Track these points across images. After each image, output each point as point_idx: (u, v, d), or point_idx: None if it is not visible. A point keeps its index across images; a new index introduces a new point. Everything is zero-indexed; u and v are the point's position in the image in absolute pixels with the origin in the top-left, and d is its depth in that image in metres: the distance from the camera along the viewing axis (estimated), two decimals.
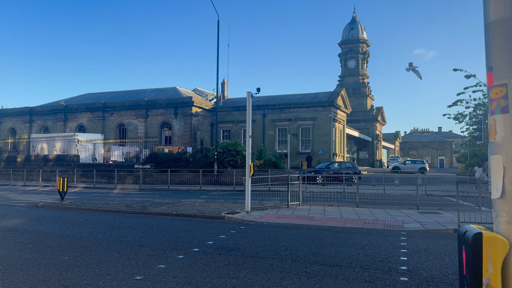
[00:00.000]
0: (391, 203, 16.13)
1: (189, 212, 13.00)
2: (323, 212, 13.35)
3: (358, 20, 73.12)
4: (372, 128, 64.71)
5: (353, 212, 13.18)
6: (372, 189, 22.28)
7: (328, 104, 40.27)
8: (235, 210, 13.30)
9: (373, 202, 16.38)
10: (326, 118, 40.10)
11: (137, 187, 25.28)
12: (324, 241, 8.80)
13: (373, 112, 65.77)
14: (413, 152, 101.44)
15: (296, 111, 41.54)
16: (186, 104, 40.07)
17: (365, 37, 72.27)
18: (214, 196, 20.27)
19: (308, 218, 11.80)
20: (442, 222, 11.00)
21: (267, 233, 9.70)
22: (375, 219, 11.62)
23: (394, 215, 12.49)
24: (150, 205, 14.95)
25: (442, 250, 7.97)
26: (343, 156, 45.38)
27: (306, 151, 40.47)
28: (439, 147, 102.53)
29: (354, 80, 69.98)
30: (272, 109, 42.63)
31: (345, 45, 71.86)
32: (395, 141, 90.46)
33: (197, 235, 9.48)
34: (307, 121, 40.91)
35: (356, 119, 62.70)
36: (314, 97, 42.67)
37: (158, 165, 27.85)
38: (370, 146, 64.77)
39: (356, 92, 68.64)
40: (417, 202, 14.54)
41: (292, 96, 44.67)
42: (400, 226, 10.56)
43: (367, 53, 72.05)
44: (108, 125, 44.51)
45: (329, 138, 40.05)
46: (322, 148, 39.86)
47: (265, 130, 42.35)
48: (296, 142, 40.92)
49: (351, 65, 71.14)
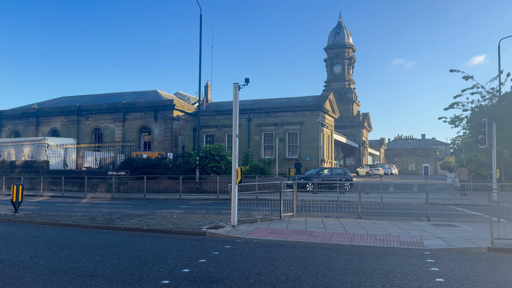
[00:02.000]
0: (395, 213, 14.30)
1: (163, 226, 10.86)
2: (322, 225, 11.40)
3: (344, 25, 72.35)
4: (359, 134, 63.52)
5: (358, 225, 11.27)
6: (368, 197, 20.43)
7: (316, 108, 38.62)
8: (218, 224, 11.21)
9: (375, 212, 14.54)
10: (314, 122, 38.40)
11: (110, 196, 22.89)
12: (333, 267, 6.83)
13: (359, 118, 64.67)
14: (398, 159, 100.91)
15: (282, 115, 39.73)
16: (166, 107, 37.78)
17: (351, 42, 71.43)
18: (195, 206, 18.10)
19: (307, 234, 9.82)
20: (468, 238, 9.17)
21: (260, 256, 7.67)
22: (387, 234, 9.73)
23: (406, 229, 10.63)
24: (118, 218, 12.73)
25: (489, 279, 6.10)
26: (331, 162, 43.74)
27: (293, 157, 38.62)
28: (423, 154, 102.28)
29: (340, 86, 68.87)
30: (257, 113, 40.73)
31: (331, 50, 70.83)
32: (380, 148, 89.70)
33: (169, 259, 7.39)
34: (294, 126, 39.14)
35: (342, 125, 61.38)
36: (301, 101, 40.99)
37: (134, 171, 25.49)
38: (356, 153, 63.51)
39: (342, 98, 67.46)
40: (427, 212, 12.73)
41: (278, 100, 42.91)
42: (420, 244, 8.68)
43: (353, 59, 71.16)
44: (83, 130, 41.81)
45: (317, 143, 38.34)
46: (310, 154, 38.09)
47: (251, 135, 40.38)
48: (283, 148, 39.05)
49: (337, 70, 70.07)
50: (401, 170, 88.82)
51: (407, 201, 18.45)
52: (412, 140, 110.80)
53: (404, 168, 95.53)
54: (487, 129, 19.31)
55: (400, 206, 16.52)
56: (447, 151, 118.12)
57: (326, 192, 22.23)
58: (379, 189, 25.13)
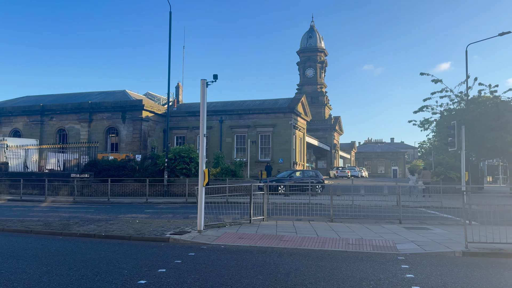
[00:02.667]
0: (367, 216, 14.06)
1: (124, 232, 10.09)
2: (293, 229, 10.95)
3: (316, 29, 72.86)
4: (330, 137, 64.00)
5: (329, 229, 10.89)
6: (339, 200, 20.23)
7: (289, 110, 38.43)
8: (184, 229, 10.55)
9: (347, 215, 14.25)
10: (287, 125, 38.19)
11: (72, 199, 21.67)
12: (304, 275, 6.35)
13: (331, 122, 65.18)
14: (368, 162, 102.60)
15: (255, 117, 39.31)
16: (135, 107, 36.57)
17: (323, 46, 71.99)
18: (162, 210, 17.29)
19: (278, 239, 9.33)
20: (442, 242, 8.94)
21: (226, 264, 7.10)
22: (359, 238, 9.37)
23: (379, 232, 10.33)
24: (76, 223, 11.83)
25: (466, 286, 5.78)
26: (303, 165, 43.67)
27: (265, 159, 38.22)
28: (392, 158, 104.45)
29: (312, 89, 69.22)
30: (230, 115, 40.13)
31: (304, 54, 71.15)
32: (351, 151, 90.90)
33: (126, 269, 6.70)
34: (267, 128, 38.78)
35: (314, 128, 61.61)
36: (274, 103, 40.71)
37: (99, 174, 24.31)
38: (328, 156, 63.93)
39: (314, 101, 67.79)
40: (399, 215, 12.52)
41: (251, 102, 42.47)
42: (394, 248, 8.36)
43: (325, 63, 71.73)
44: (47, 130, 39.91)
45: (289, 146, 38.11)
46: (282, 156, 37.82)
47: (223, 137, 39.72)
48: (255, 150, 38.59)
49: (309, 74, 70.44)
50: (371, 172, 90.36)
51: (378, 203, 18.37)
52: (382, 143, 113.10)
53: (373, 171, 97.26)
54: (456, 132, 19.46)
55: (371, 209, 16.36)
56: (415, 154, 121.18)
57: (298, 194, 21.89)
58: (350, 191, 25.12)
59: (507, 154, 25.89)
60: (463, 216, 11.69)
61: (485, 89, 25.77)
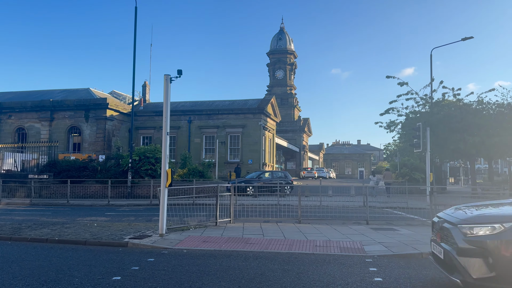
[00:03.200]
0: (334, 217, 13.95)
1: (79, 237, 9.43)
2: (260, 231, 10.62)
3: (286, 31, 73.25)
4: (299, 139, 64.40)
5: (297, 230, 10.65)
6: (307, 201, 20.17)
7: (258, 111, 38.23)
8: (145, 233, 10.00)
9: (315, 216, 14.09)
10: (256, 126, 37.97)
11: (28, 201, 20.47)
12: (269, 280, 6.03)
13: (300, 123, 65.62)
14: (335, 163, 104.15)
15: (224, 117, 38.85)
16: (99, 106, 35.24)
17: (292, 48, 72.47)
18: (124, 213, 16.54)
19: (244, 242, 8.98)
20: (409, 243, 8.86)
21: (188, 269, 6.67)
22: (326, 240, 9.16)
23: (346, 234, 10.18)
24: (29, 227, 11.00)
25: None
26: (273, 166, 43.58)
27: (235, 160, 37.81)
28: (359, 159, 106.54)
29: (282, 91, 69.46)
30: (199, 115, 39.49)
31: (273, 55, 71.32)
32: (320, 153, 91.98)
33: (77, 277, 6.14)
34: (236, 129, 38.40)
35: (284, 129, 61.79)
36: (244, 103, 40.41)
37: (58, 174, 23.12)
38: (297, 157, 64.28)
39: (284, 103, 68.04)
40: (366, 216, 12.47)
41: (220, 102, 41.98)
42: (361, 250, 8.19)
43: (294, 65, 72.19)
44: (4, 129, 37.82)
45: (259, 147, 37.90)
46: (252, 157, 37.55)
47: (191, 137, 39.00)
48: (225, 151, 38.12)
49: (279, 76, 70.67)
50: (338, 174, 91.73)
51: (346, 204, 18.33)
52: (349, 145, 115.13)
53: (341, 172, 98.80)
54: (421, 134, 19.87)
55: (339, 210, 16.27)
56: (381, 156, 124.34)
57: (267, 195, 21.65)
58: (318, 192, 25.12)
59: (469, 155, 26.73)
60: (430, 216, 11.78)
61: (449, 92, 26.55)
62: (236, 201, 18.07)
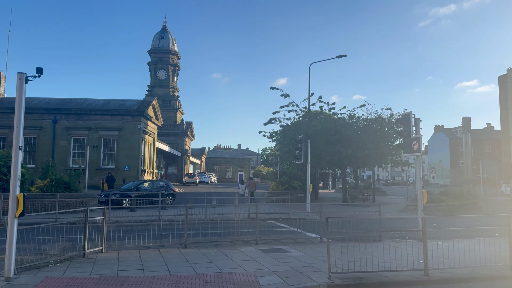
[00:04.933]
0: (221, 234, 13.12)
1: None
2: (140, 263, 9.11)
3: (169, 30, 70.70)
4: (182, 143, 62.59)
5: (183, 260, 9.43)
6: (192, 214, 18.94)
7: (138, 113, 35.53)
8: None
9: (201, 234, 13.07)
10: (135, 129, 35.21)
11: None
12: None
13: (183, 127, 63.86)
14: (217, 167, 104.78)
15: (98, 119, 35.12)
16: None
17: (176, 49, 70.23)
18: None
19: (119, 283, 7.40)
20: (303, 271, 8.42)
21: None
22: (218, 273, 8.18)
23: (238, 260, 9.37)
24: None
25: None
26: (153, 172, 41.09)
27: (109, 166, 34.41)
28: (239, 163, 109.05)
29: (164, 92, 66.65)
30: (66, 114, 34.95)
31: (155, 54, 68.02)
32: (202, 157, 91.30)
33: None
34: (111, 132, 35.03)
35: (165, 132, 59.26)
36: (121, 104, 37.16)
37: None
38: (179, 162, 62.34)
39: (166, 105, 65.37)
40: (256, 236, 11.89)
41: (93, 101, 37.89)
42: (256, 284, 7.42)
43: (177, 66, 70.02)
44: None
45: (137, 152, 35.19)
46: (129, 163, 34.66)
47: (56, 140, 34.26)
48: (97, 156, 34.40)
49: (161, 76, 67.69)
50: (219, 178, 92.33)
51: (231, 216, 17.66)
52: (230, 149, 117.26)
53: (222, 176, 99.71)
54: (303, 146, 20.48)
55: (225, 224, 15.48)
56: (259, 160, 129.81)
57: (146, 209, 19.76)
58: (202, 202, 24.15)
59: (342, 165, 28.84)
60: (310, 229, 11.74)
61: (325, 106, 28.27)
62: (110, 218, 15.93)
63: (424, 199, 12.45)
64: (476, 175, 59.01)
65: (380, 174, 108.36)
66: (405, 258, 8.77)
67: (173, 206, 21.37)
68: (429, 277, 7.88)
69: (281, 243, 11.88)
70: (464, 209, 22.00)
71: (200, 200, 24.68)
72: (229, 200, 25.62)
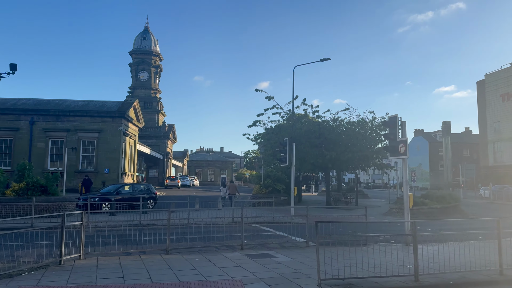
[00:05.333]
0: (206, 239, 12.74)
1: None
2: (120, 270, 8.67)
3: (151, 31, 69.79)
4: (164, 145, 61.73)
5: (166, 267, 9.04)
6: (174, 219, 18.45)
7: (119, 115, 34.75)
8: None
9: (184, 239, 12.65)
10: (116, 131, 34.42)
11: None
12: None
13: (165, 129, 63.00)
14: (199, 170, 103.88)
15: (77, 120, 34.21)
16: None
17: (158, 50, 69.35)
18: None
19: None
20: (291, 277, 8.15)
21: None
22: (202, 281, 7.82)
23: (223, 267, 9.03)
24: None
25: None
26: (133, 175, 40.26)
27: (88, 169, 33.49)
28: (221, 166, 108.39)
29: (146, 94, 65.65)
30: (44, 115, 33.91)
31: (137, 55, 66.99)
32: (184, 160, 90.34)
33: None
34: (91, 133, 34.15)
35: (147, 135, 58.33)
36: (102, 105, 36.29)
37: None
38: (160, 164, 61.43)
39: (148, 107, 64.42)
40: (241, 240, 11.57)
41: (73, 102, 36.91)
42: None
43: (159, 67, 69.14)
44: None
45: (118, 154, 34.38)
46: (109, 166, 33.82)
47: (33, 141, 33.20)
48: (76, 158, 33.46)
49: (143, 77, 66.69)
50: (201, 181, 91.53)
51: (215, 220, 17.30)
52: (212, 152, 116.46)
53: (204, 179, 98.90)
54: (288, 148, 20.28)
55: (209, 228, 15.15)
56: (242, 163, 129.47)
57: (127, 213, 19.19)
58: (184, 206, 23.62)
59: (325, 168, 28.78)
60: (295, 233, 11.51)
61: (309, 109, 28.19)
62: (89, 222, 15.35)
63: (410, 202, 12.39)
64: (455, 178, 60.18)
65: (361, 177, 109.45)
66: (394, 263, 8.61)
67: (155, 210, 20.83)
68: (419, 283, 7.72)
69: (267, 248, 11.60)
70: (447, 212, 22.19)
71: (182, 204, 24.17)
72: (212, 203, 25.22)
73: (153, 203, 23.57)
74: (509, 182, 48.26)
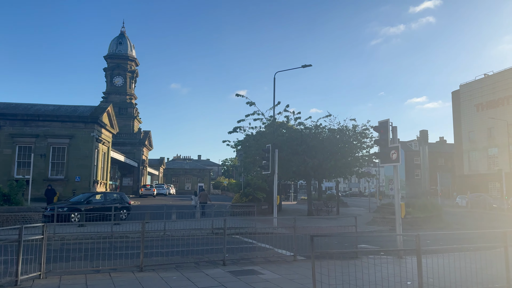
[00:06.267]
0: (184, 253, 11.70)
1: None
2: None
3: (127, 36, 68.18)
4: (139, 152, 59.90)
5: (139, 286, 7.97)
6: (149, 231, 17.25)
7: (92, 120, 33.17)
8: None
9: (160, 253, 11.57)
10: (88, 137, 32.80)
11: None
12: None
13: (140, 136, 61.22)
14: (176, 178, 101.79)
15: (47, 125, 32.43)
16: None
17: (134, 55, 67.73)
18: None
19: None
20: None
21: None
22: None
23: (203, 287, 8.04)
24: None
25: None
26: (106, 183, 38.50)
27: (58, 177, 31.71)
28: (199, 174, 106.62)
29: (121, 99, 63.78)
30: (11, 120, 32.01)
31: (112, 60, 65.13)
32: (160, 167, 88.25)
33: None
34: (62, 139, 32.40)
35: (121, 141, 56.47)
36: (73, 110, 34.62)
37: None
38: (135, 172, 59.50)
39: (123, 113, 62.55)
40: (223, 255, 10.58)
41: (42, 106, 35.09)
42: None
43: (135, 73, 67.46)
44: None
45: (89, 161, 32.72)
46: (80, 173, 32.12)
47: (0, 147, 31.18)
48: (45, 166, 31.63)
49: (118, 82, 64.82)
50: (178, 189, 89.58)
51: (193, 232, 16.24)
52: (190, 160, 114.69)
53: (181, 187, 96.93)
54: (270, 156, 19.46)
55: (187, 241, 14.05)
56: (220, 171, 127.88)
57: (98, 225, 17.83)
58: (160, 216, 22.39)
59: (308, 177, 28.11)
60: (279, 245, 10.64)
61: (291, 115, 27.57)
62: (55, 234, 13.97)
63: (402, 212, 11.75)
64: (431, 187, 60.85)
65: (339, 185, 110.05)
66: (391, 279, 7.89)
67: (128, 222, 19.55)
68: None
69: (251, 263, 10.67)
70: (430, 221, 21.84)
71: (158, 214, 22.94)
72: (190, 214, 24.07)
73: (126, 213, 22.22)
74: (483, 190, 49.06)
